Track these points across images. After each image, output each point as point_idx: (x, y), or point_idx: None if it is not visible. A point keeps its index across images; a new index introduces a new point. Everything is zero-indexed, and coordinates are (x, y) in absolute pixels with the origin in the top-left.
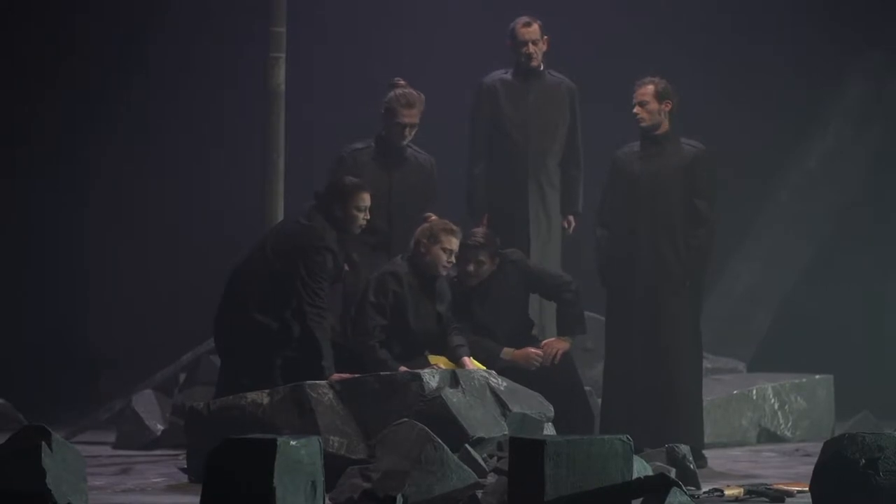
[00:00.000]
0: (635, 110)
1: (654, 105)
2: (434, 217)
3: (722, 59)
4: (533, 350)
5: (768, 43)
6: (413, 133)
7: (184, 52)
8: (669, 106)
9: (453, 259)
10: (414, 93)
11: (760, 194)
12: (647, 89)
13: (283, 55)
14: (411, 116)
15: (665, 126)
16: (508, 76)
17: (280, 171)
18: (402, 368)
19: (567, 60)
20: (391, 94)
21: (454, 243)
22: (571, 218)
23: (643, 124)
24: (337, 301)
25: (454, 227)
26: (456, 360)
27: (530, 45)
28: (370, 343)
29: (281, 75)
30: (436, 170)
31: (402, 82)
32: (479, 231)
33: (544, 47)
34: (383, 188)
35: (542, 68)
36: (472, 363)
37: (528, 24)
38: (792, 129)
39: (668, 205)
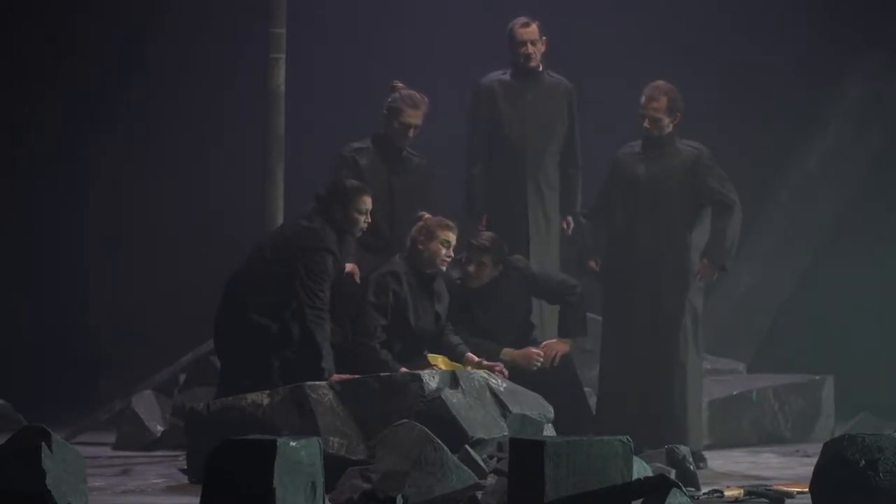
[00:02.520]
0: (646, 124)
1: (665, 120)
2: (427, 215)
3: (722, 59)
4: (533, 349)
5: (768, 43)
6: (415, 135)
7: (184, 53)
8: (678, 118)
9: (452, 252)
10: (418, 95)
11: (760, 194)
12: (661, 103)
13: (283, 56)
14: (416, 117)
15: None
16: (507, 77)
17: (280, 172)
18: (403, 369)
19: (566, 61)
20: (396, 94)
21: (451, 237)
22: (570, 218)
23: (652, 134)
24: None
25: (450, 223)
26: (459, 356)
27: (528, 45)
28: (371, 344)
29: (281, 76)
30: (430, 172)
31: (401, 85)
32: (487, 235)
33: (543, 48)
34: (384, 190)
35: (540, 69)
36: (475, 358)
37: (526, 25)
38: (792, 129)
39: (669, 206)
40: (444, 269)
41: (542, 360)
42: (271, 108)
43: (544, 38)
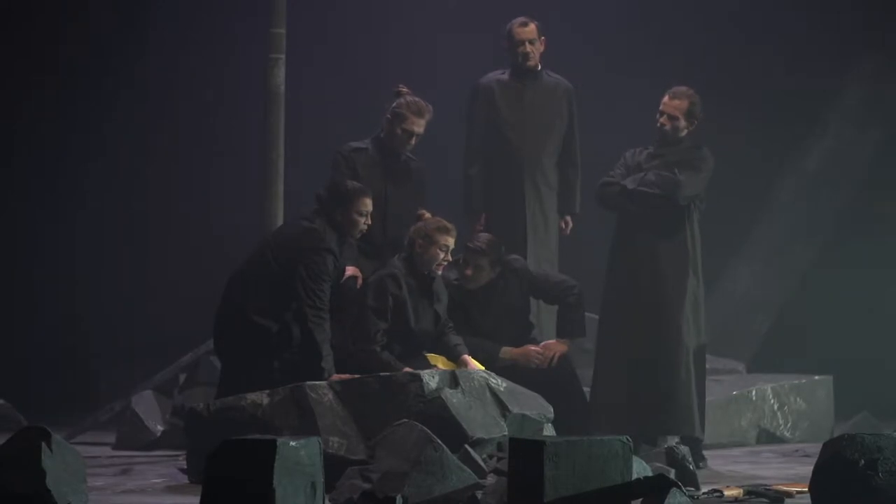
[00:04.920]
0: (662, 121)
1: (682, 122)
2: (427, 215)
3: (722, 60)
4: (533, 347)
5: (768, 43)
6: (416, 142)
7: (184, 53)
8: (694, 126)
9: (450, 256)
10: (423, 102)
11: (761, 195)
12: (682, 105)
13: (282, 56)
14: (419, 125)
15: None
16: (505, 76)
17: (279, 172)
18: (406, 370)
19: (564, 61)
20: (401, 100)
21: (450, 241)
22: (569, 219)
23: (666, 133)
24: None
25: (448, 225)
26: (455, 358)
27: (527, 44)
28: (372, 348)
29: (280, 76)
30: (427, 175)
31: (406, 90)
32: (484, 237)
33: (541, 48)
34: (380, 194)
35: (539, 68)
36: (472, 361)
37: (524, 24)
38: (792, 129)
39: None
40: (440, 272)
41: (541, 358)
42: (271, 108)
43: (543, 37)
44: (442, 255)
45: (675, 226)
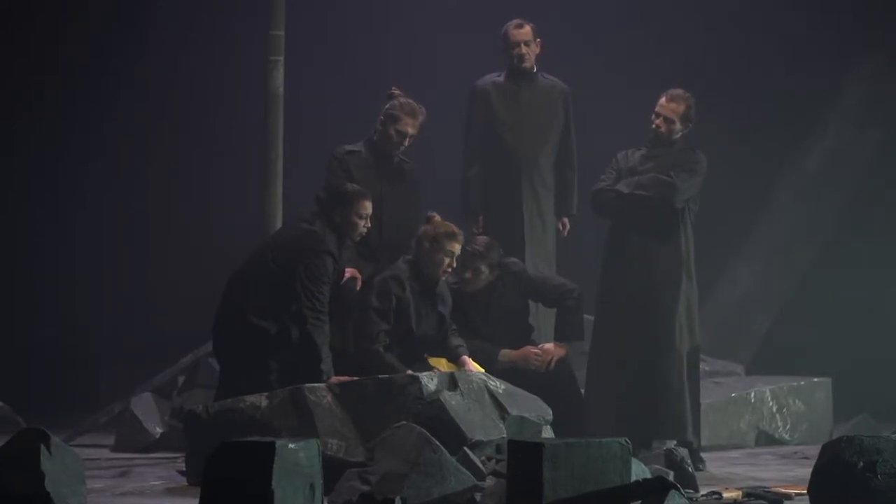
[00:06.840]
0: (658, 122)
1: (678, 125)
2: (437, 217)
3: (722, 60)
4: (532, 349)
5: (768, 43)
6: (409, 144)
7: (183, 55)
8: (688, 129)
9: (455, 263)
10: (416, 104)
11: (761, 196)
12: (679, 108)
13: (281, 58)
14: (413, 127)
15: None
16: (501, 78)
17: (279, 174)
18: (409, 372)
19: (564, 61)
20: (395, 101)
21: (457, 248)
22: (566, 220)
23: (660, 134)
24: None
25: (456, 231)
26: (455, 359)
27: (522, 46)
28: (375, 348)
29: (280, 78)
30: (420, 175)
31: (399, 92)
32: (482, 240)
33: (537, 49)
34: (375, 197)
35: (534, 70)
36: (471, 363)
37: (520, 26)
38: (792, 129)
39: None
40: (444, 278)
41: (540, 359)
42: (270, 110)
43: (538, 39)
44: (447, 262)
45: (670, 228)
